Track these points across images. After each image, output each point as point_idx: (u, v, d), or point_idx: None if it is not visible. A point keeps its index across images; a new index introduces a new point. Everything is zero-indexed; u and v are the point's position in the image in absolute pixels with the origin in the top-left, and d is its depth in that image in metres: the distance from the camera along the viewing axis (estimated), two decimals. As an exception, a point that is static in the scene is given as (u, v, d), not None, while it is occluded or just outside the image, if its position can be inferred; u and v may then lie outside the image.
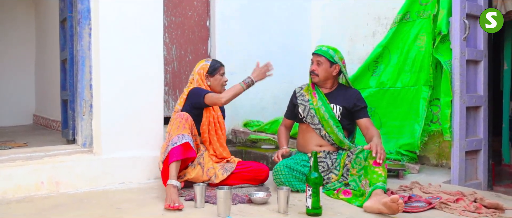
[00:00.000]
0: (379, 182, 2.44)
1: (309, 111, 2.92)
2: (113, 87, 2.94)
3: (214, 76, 2.97)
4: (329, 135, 2.88)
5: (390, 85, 3.63)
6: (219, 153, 2.93)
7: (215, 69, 2.97)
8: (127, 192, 2.78)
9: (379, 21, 4.07)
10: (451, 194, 2.64)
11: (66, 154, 2.89)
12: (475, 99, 3.27)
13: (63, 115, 3.34)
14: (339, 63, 2.92)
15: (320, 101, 2.91)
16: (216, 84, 2.97)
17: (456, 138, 3.14)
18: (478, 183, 3.31)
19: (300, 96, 3.02)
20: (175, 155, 2.53)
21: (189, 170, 2.77)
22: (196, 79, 2.94)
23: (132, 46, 3.01)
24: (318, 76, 2.92)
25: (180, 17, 3.80)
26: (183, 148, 2.57)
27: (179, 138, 2.57)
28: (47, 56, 4.97)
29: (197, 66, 2.98)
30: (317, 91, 2.97)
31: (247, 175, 2.90)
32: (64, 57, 3.25)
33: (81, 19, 2.95)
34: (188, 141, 2.58)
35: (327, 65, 2.91)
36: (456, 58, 3.15)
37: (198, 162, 2.79)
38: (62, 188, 2.75)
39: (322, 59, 2.90)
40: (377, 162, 2.52)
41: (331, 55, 2.90)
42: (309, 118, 2.92)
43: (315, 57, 2.94)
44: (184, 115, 2.68)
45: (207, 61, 2.99)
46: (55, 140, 3.71)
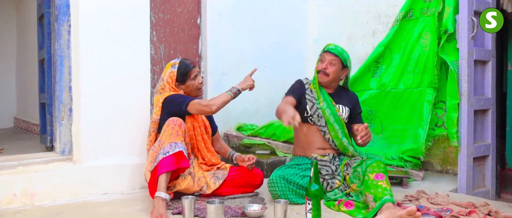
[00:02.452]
0: (386, 195, 2.23)
1: (316, 110, 2.72)
2: (94, 89, 2.71)
3: (185, 84, 2.66)
4: (333, 140, 2.69)
5: (392, 87, 3.43)
6: (208, 159, 2.71)
7: (184, 75, 2.64)
8: (109, 204, 2.55)
9: (380, 19, 3.87)
10: (462, 206, 2.44)
11: (43, 163, 2.65)
12: (483, 102, 3.08)
13: (41, 119, 3.10)
14: (349, 68, 2.80)
15: (325, 103, 2.72)
16: (189, 91, 2.69)
17: (463, 144, 2.95)
18: (486, 191, 3.12)
19: (308, 91, 2.79)
20: (166, 166, 2.30)
21: (179, 181, 2.54)
22: (168, 89, 2.65)
23: (116, 45, 2.78)
24: (328, 77, 2.73)
25: (169, 14, 3.57)
26: (176, 158, 2.34)
27: (171, 147, 2.33)
28: (29, 55, 4.70)
29: (165, 73, 2.67)
30: (322, 91, 2.77)
31: (241, 180, 2.69)
32: (42, 56, 3.00)
33: (59, 15, 2.71)
34: (182, 149, 2.36)
35: (339, 67, 2.74)
36: (463, 58, 2.96)
37: (189, 172, 2.57)
38: (38, 201, 2.51)
39: (337, 60, 2.72)
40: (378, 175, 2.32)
41: (345, 58, 2.75)
42: (316, 118, 2.72)
43: (328, 56, 2.73)
44: (177, 121, 2.44)
45: (174, 67, 2.65)
46: (34, 146, 3.46)
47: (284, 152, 3.51)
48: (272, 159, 3.30)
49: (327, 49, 2.75)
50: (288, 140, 3.58)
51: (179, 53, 3.65)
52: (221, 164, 2.75)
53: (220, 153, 2.88)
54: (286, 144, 3.56)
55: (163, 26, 3.53)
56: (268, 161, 3.26)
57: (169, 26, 3.57)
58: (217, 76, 3.84)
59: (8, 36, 5.35)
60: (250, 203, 2.52)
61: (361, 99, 3.47)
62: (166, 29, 3.56)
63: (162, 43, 3.54)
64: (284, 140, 3.61)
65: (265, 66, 4.15)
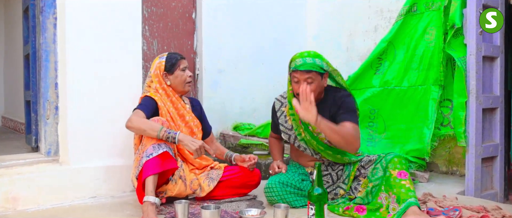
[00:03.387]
0: (411, 198, 2.07)
1: (294, 139, 2.46)
2: (82, 86, 2.55)
3: (173, 74, 2.48)
4: (322, 156, 2.45)
5: (395, 85, 3.28)
6: (198, 164, 2.54)
7: (173, 65, 2.48)
8: (98, 208, 2.40)
9: (382, 15, 3.73)
10: (473, 210, 2.30)
11: (27, 164, 2.49)
12: (491, 100, 2.94)
13: (26, 118, 2.94)
14: (328, 69, 2.34)
15: (307, 133, 2.37)
16: (177, 83, 2.49)
17: (471, 144, 2.81)
18: (494, 193, 2.98)
19: (281, 117, 2.51)
20: (151, 168, 2.14)
21: (169, 186, 2.37)
22: (155, 84, 2.48)
23: (105, 39, 2.62)
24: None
25: (162, 8, 3.40)
26: (161, 159, 2.18)
27: (154, 148, 2.17)
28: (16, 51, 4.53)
29: (152, 67, 2.52)
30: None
31: (237, 181, 2.53)
32: (27, 52, 2.84)
33: (44, 7, 2.55)
34: (167, 150, 2.20)
35: (318, 79, 2.29)
36: (471, 54, 2.82)
37: (179, 176, 2.40)
38: (21, 205, 2.35)
39: (312, 75, 2.26)
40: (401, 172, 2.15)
41: (319, 66, 2.27)
42: (296, 143, 2.47)
43: (301, 75, 2.26)
44: (159, 120, 2.28)
45: (161, 57, 2.52)
46: (20, 146, 3.31)
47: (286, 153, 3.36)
48: (270, 160, 3.14)
49: (295, 67, 2.29)
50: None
51: (173, 49, 3.50)
52: (214, 163, 2.59)
53: (216, 155, 2.69)
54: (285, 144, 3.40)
55: (156, 20, 3.37)
56: (266, 161, 3.12)
57: (163, 20, 3.42)
58: (212, 73, 3.69)
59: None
60: (247, 207, 2.37)
61: (363, 97, 3.33)
62: (159, 24, 3.40)
63: (155, 38, 3.38)
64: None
65: (263, 63, 4.02)
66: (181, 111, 2.52)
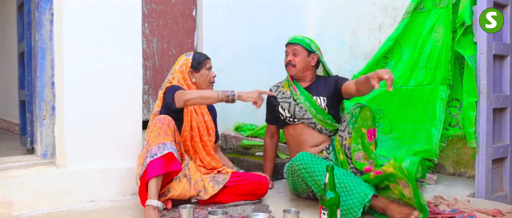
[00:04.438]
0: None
1: (294, 107, 2.65)
2: (80, 85, 2.44)
3: (199, 72, 2.53)
4: (325, 128, 2.62)
5: (402, 84, 3.20)
6: (207, 162, 2.46)
7: (200, 63, 2.53)
8: (97, 213, 2.29)
9: (387, 12, 3.65)
10: (488, 213, 2.22)
11: (22, 167, 2.37)
12: (501, 100, 2.87)
13: (21, 119, 2.82)
14: (317, 52, 2.71)
15: (303, 96, 2.65)
16: (202, 81, 2.53)
17: (482, 145, 2.74)
18: (504, 195, 2.91)
19: (279, 94, 2.74)
20: (154, 169, 2.05)
21: (173, 184, 2.28)
22: (178, 78, 2.48)
23: (104, 37, 2.52)
24: (296, 67, 2.67)
25: (162, 4, 3.29)
26: (165, 160, 2.10)
27: (159, 148, 2.09)
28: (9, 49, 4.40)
29: (177, 64, 2.55)
30: (296, 85, 2.71)
31: (243, 189, 2.43)
32: (22, 49, 2.73)
33: (40, 3, 2.43)
34: (171, 151, 2.11)
35: (304, 54, 2.68)
36: (482, 52, 2.74)
37: (184, 174, 2.31)
38: (16, 210, 2.24)
39: (298, 48, 2.67)
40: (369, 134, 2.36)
41: (307, 43, 2.69)
42: (299, 114, 2.63)
43: (289, 48, 2.70)
44: (165, 118, 2.20)
45: (188, 55, 2.55)
46: (14, 148, 3.18)
47: (286, 154, 3.28)
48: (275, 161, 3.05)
49: (287, 42, 2.73)
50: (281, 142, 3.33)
51: (173, 47, 3.39)
52: (222, 168, 2.49)
53: None
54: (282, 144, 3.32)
55: (155, 17, 3.26)
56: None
57: (163, 18, 3.31)
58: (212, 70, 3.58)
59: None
60: (253, 211, 2.28)
61: (369, 97, 3.24)
62: (159, 21, 3.29)
63: (154, 36, 3.27)
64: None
65: (264, 62, 3.93)
66: (202, 108, 2.52)
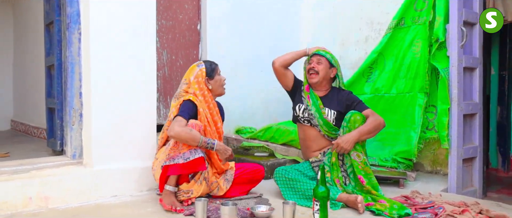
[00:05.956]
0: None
1: (307, 111, 2.97)
2: (104, 95, 2.79)
3: (214, 78, 2.77)
4: (328, 136, 2.94)
5: (385, 92, 3.60)
6: (221, 169, 2.81)
7: (213, 70, 2.77)
8: (121, 206, 2.64)
9: (372, 27, 4.03)
10: (455, 205, 2.61)
11: (55, 167, 2.72)
12: (471, 107, 3.27)
13: (48, 124, 3.16)
14: (337, 67, 3.00)
15: (314, 107, 2.94)
16: (217, 86, 2.78)
17: (454, 146, 3.13)
18: (474, 190, 3.31)
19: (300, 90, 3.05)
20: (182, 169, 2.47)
21: (195, 186, 2.64)
22: (194, 89, 2.70)
23: (124, 51, 2.86)
24: (318, 74, 2.95)
25: (171, 20, 3.67)
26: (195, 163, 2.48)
27: (191, 153, 2.47)
28: (27, 59, 4.73)
29: (191, 74, 2.72)
30: (311, 94, 2.99)
31: (246, 177, 2.86)
32: (50, 63, 3.07)
33: (70, 23, 2.79)
34: (202, 155, 2.50)
35: (327, 65, 2.97)
36: (453, 65, 3.13)
37: (204, 178, 2.67)
38: (51, 204, 2.59)
39: (322, 59, 2.97)
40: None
41: (330, 58, 2.98)
42: (308, 118, 2.96)
43: (315, 57, 2.99)
44: (196, 125, 2.52)
45: (200, 65, 2.76)
46: (38, 149, 3.52)
47: (283, 154, 3.64)
48: (272, 161, 3.42)
49: (313, 53, 3.02)
50: (286, 142, 3.72)
51: (181, 58, 3.76)
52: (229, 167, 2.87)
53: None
54: (284, 146, 3.70)
55: (165, 32, 3.63)
56: (268, 163, 3.39)
57: (171, 32, 3.67)
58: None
59: (4, 39, 5.37)
60: (256, 204, 2.64)
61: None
62: (169, 36, 3.66)
63: (164, 49, 3.64)
64: (282, 142, 3.74)
65: (261, 70, 4.26)
66: (215, 117, 2.75)
